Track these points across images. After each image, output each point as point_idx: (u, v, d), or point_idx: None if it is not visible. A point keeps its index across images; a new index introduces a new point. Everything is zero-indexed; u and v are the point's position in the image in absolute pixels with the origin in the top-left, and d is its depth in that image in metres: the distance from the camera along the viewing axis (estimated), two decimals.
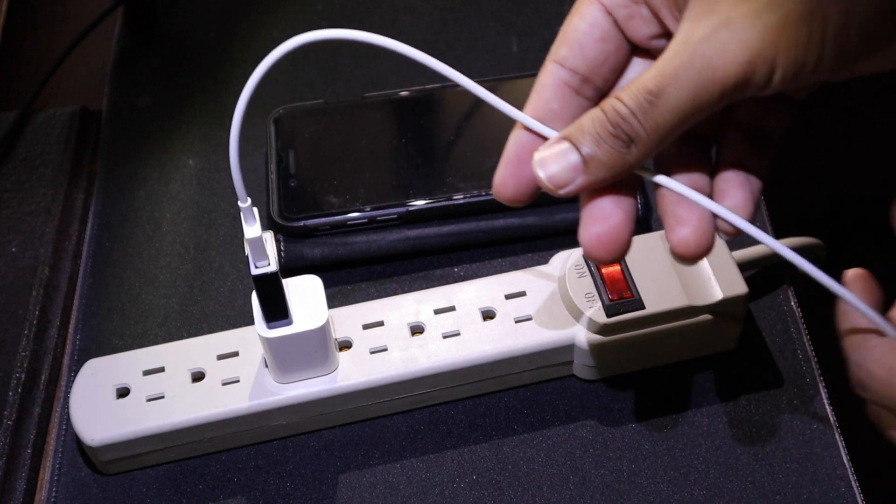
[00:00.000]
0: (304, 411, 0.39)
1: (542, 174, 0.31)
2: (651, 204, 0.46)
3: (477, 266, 0.45)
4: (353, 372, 0.39)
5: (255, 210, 0.34)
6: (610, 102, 0.30)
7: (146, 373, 0.39)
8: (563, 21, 0.32)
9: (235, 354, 0.40)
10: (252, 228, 0.34)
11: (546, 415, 0.40)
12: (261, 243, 0.34)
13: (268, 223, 0.45)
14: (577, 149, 0.30)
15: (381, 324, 0.40)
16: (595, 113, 0.30)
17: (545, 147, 0.31)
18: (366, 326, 0.40)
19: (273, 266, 0.35)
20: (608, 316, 0.39)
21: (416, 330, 0.40)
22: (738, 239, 0.44)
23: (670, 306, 0.39)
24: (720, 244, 0.41)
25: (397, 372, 0.39)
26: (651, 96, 0.29)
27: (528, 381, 0.41)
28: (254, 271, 0.35)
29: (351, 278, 0.45)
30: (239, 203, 0.33)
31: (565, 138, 0.31)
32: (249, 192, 0.33)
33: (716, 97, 0.29)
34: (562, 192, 0.31)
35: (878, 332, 0.32)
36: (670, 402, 0.41)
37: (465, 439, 0.40)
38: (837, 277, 0.31)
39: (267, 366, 0.39)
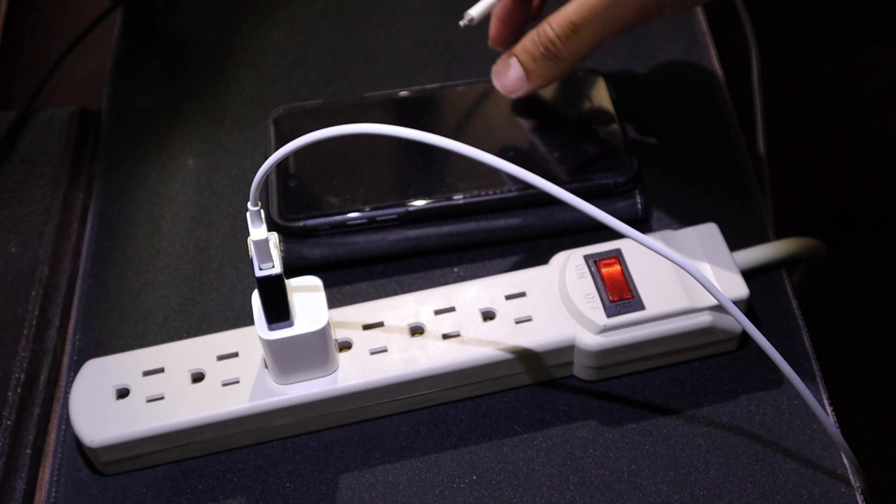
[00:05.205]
0: (304, 412, 0.39)
1: (497, 84, 0.44)
2: (651, 205, 0.46)
3: (477, 266, 0.45)
4: (353, 373, 0.39)
5: (263, 213, 0.34)
6: (542, 27, 0.41)
7: (146, 373, 0.39)
8: None
9: (235, 355, 0.40)
10: (258, 231, 0.34)
11: (546, 415, 0.40)
12: (266, 245, 0.35)
13: (267, 223, 0.45)
14: (521, 64, 0.42)
15: (381, 324, 0.40)
16: (532, 35, 0.42)
17: (500, 62, 0.44)
18: (366, 327, 0.40)
19: (278, 268, 0.35)
20: (608, 317, 0.39)
21: (416, 330, 0.40)
22: (738, 241, 0.44)
23: (670, 307, 0.39)
24: (722, 246, 0.42)
25: (397, 373, 0.39)
26: (573, 26, 0.40)
27: (528, 381, 0.41)
28: (258, 273, 0.35)
29: (351, 278, 0.45)
30: (249, 205, 0.34)
31: (512, 55, 0.43)
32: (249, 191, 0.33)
33: (623, 29, 0.40)
34: (512, 96, 0.44)
35: None
36: (670, 402, 0.41)
37: (465, 439, 0.40)
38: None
39: (267, 366, 0.39)
